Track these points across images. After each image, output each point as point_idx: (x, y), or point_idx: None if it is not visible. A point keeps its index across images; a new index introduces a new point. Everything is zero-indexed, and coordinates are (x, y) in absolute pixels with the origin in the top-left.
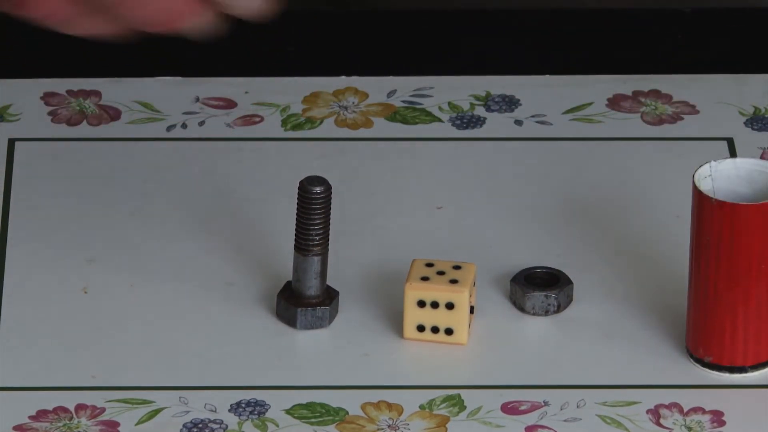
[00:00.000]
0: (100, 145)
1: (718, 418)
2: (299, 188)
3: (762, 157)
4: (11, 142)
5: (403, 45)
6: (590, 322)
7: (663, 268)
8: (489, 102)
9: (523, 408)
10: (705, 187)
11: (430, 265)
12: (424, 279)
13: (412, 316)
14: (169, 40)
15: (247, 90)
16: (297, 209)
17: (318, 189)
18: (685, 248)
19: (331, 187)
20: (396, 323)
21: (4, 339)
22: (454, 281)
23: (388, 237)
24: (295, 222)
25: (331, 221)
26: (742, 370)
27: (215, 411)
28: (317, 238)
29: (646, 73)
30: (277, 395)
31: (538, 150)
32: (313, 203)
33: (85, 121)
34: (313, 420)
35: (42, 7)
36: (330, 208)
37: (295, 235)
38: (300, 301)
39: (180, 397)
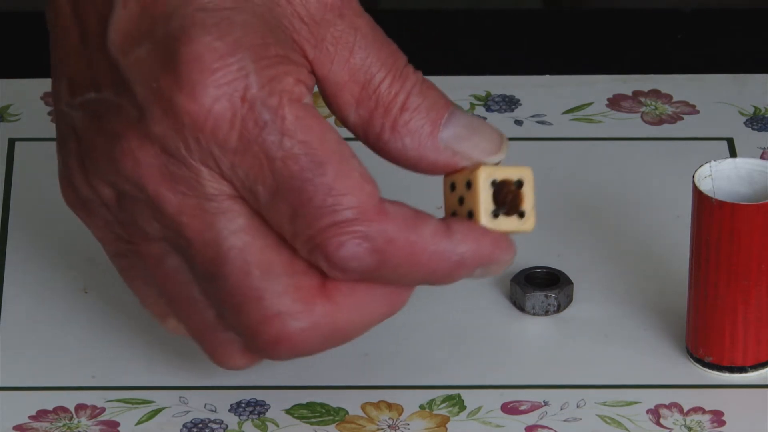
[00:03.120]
0: None
1: (718, 418)
2: None
3: (762, 157)
4: (11, 142)
5: (402, 45)
6: (590, 322)
7: (663, 268)
8: (489, 102)
9: (523, 408)
10: (705, 187)
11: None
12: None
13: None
14: None
15: None
16: None
17: None
18: (685, 248)
19: None
20: (396, 323)
21: (4, 339)
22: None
23: None
24: None
25: None
26: (742, 370)
27: (215, 411)
28: None
29: (646, 73)
30: (277, 395)
31: (538, 150)
32: None
33: None
34: (313, 420)
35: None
36: None
37: None
38: None
39: (180, 397)
